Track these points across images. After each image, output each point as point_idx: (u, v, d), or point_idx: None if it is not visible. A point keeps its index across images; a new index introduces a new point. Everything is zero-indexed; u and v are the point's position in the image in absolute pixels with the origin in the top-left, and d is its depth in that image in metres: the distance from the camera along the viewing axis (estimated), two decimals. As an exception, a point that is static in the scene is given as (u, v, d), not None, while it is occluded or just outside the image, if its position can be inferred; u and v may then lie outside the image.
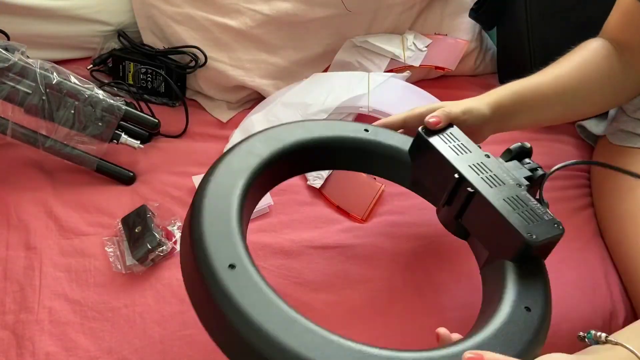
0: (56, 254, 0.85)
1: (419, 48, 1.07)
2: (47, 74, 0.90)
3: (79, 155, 0.93)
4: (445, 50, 1.08)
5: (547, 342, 0.78)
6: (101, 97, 0.92)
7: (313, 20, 1.07)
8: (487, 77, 1.12)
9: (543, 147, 0.97)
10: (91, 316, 0.80)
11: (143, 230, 0.84)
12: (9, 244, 0.86)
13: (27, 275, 0.83)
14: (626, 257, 0.81)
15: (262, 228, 0.87)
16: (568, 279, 0.82)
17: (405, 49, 1.07)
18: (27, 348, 0.77)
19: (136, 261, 0.82)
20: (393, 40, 1.09)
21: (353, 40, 1.09)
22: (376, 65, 1.06)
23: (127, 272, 0.82)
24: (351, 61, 1.07)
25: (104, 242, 0.85)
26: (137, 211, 0.87)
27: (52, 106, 0.90)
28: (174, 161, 0.95)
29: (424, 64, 1.05)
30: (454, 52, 1.07)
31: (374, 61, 1.06)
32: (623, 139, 0.89)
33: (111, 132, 0.93)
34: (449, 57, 1.06)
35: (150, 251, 0.82)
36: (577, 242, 0.86)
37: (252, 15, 1.05)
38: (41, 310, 0.80)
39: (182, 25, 1.05)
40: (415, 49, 1.07)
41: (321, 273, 0.83)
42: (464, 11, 1.13)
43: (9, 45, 0.92)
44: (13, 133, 0.92)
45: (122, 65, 1.06)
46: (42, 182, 0.93)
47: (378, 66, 1.05)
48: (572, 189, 0.92)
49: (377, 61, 1.06)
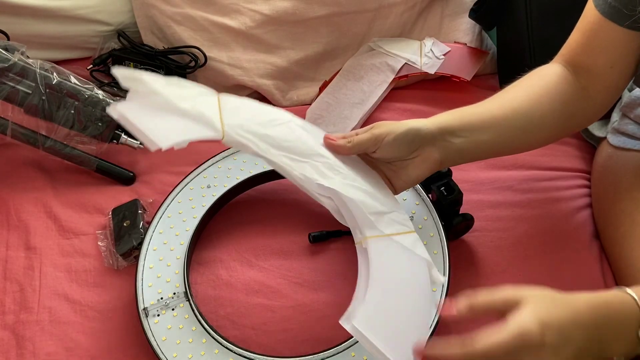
0: (56, 254, 0.85)
1: (436, 55, 1.07)
2: (47, 74, 0.90)
3: (78, 156, 0.93)
4: (463, 60, 1.07)
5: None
6: (101, 97, 0.92)
7: (312, 19, 1.07)
8: (487, 77, 1.12)
9: (545, 148, 0.96)
10: (91, 316, 0.80)
11: (131, 225, 0.84)
12: (8, 244, 0.86)
13: (27, 275, 0.83)
14: (622, 258, 0.81)
15: (262, 228, 0.87)
16: (566, 279, 0.82)
17: (422, 55, 1.07)
18: (27, 348, 0.77)
19: (120, 255, 0.82)
20: (411, 45, 1.09)
21: (370, 44, 1.10)
22: (390, 67, 1.05)
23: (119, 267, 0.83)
24: (366, 63, 1.07)
25: (97, 236, 0.86)
26: (129, 205, 0.88)
27: (52, 106, 0.90)
28: (173, 161, 0.95)
29: (440, 71, 1.05)
30: (472, 61, 1.07)
31: (388, 62, 1.06)
32: (624, 142, 0.89)
33: (111, 132, 0.93)
34: (466, 66, 1.06)
35: (134, 248, 0.82)
36: (576, 242, 0.86)
37: (251, 15, 1.05)
38: (41, 310, 0.80)
39: (181, 25, 1.05)
40: (433, 56, 1.07)
41: (321, 273, 0.83)
42: (464, 11, 1.13)
43: (9, 45, 0.92)
44: (13, 133, 0.92)
45: (122, 65, 1.06)
46: (42, 182, 0.94)
47: (392, 68, 1.05)
48: (571, 190, 0.92)
49: (391, 62, 1.05)
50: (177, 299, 0.78)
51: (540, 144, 0.83)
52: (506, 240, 0.86)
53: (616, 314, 0.59)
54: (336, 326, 0.77)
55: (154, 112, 0.64)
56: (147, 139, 0.60)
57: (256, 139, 0.68)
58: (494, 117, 0.75)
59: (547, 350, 0.55)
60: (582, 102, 0.79)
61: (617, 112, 0.94)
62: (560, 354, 0.56)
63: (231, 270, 0.83)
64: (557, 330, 0.56)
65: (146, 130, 0.61)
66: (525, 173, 0.94)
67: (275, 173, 0.89)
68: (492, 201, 0.90)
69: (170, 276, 0.79)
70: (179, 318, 0.76)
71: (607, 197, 0.87)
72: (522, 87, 0.79)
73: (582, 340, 0.57)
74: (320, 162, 0.70)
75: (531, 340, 0.54)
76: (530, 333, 0.54)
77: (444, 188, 0.82)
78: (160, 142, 0.60)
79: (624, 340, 0.59)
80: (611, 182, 0.87)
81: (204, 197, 0.86)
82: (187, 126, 0.64)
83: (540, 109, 0.76)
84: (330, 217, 0.88)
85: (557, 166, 0.95)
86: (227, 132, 0.66)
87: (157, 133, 0.61)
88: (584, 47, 0.77)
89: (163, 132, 0.62)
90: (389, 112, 1.01)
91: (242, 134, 0.67)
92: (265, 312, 0.79)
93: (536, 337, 0.54)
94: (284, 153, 0.69)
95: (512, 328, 0.55)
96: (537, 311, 0.56)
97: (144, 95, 0.65)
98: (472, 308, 0.58)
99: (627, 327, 0.59)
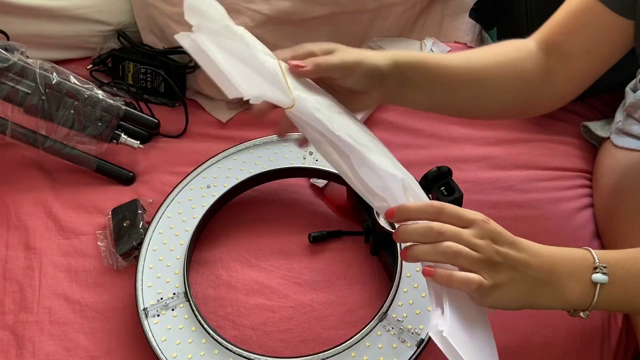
0: (56, 254, 0.85)
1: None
2: (46, 74, 0.90)
3: (78, 156, 0.93)
4: None
5: (546, 341, 0.78)
6: (101, 97, 0.92)
7: (312, 19, 1.07)
8: (487, 77, 1.12)
9: (545, 148, 0.97)
10: (91, 316, 0.80)
11: (131, 225, 0.84)
12: (8, 244, 0.86)
13: (26, 276, 0.83)
14: None
15: (262, 228, 0.87)
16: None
17: None
18: (27, 348, 0.77)
19: (120, 255, 0.82)
20: (411, 45, 1.09)
21: (370, 44, 1.09)
22: None
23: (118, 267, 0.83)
24: None
25: (97, 236, 0.86)
26: (129, 205, 0.87)
27: (51, 106, 0.90)
28: (173, 161, 0.95)
29: None
30: None
31: None
32: (629, 142, 0.88)
33: (111, 132, 0.93)
34: None
35: (134, 248, 0.82)
36: (577, 242, 0.86)
37: (251, 15, 1.05)
38: (41, 311, 0.80)
39: (181, 25, 1.05)
40: None
41: (321, 273, 0.83)
42: (464, 11, 1.13)
43: (9, 45, 0.92)
44: (13, 133, 0.92)
45: (121, 65, 1.06)
46: (41, 182, 0.93)
47: None
48: (572, 190, 0.92)
49: None
50: (177, 299, 0.77)
51: (491, 114, 0.82)
52: (507, 240, 0.86)
53: (571, 257, 0.62)
54: (336, 326, 0.78)
55: (231, 55, 0.57)
56: (229, 84, 0.54)
57: (328, 113, 0.62)
58: (452, 75, 0.74)
59: (489, 230, 0.59)
60: (545, 86, 0.77)
61: (620, 112, 0.94)
62: (502, 245, 0.59)
63: (231, 270, 0.83)
64: (509, 234, 0.60)
65: (229, 73, 0.54)
66: (525, 173, 0.94)
67: (275, 173, 0.89)
68: (492, 201, 0.90)
69: (170, 276, 0.79)
70: (178, 318, 0.76)
71: (610, 197, 0.86)
72: (491, 51, 0.78)
73: (532, 257, 0.60)
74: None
75: (479, 216, 0.60)
76: (481, 214, 0.60)
77: (444, 188, 0.82)
78: (244, 90, 0.53)
79: (577, 280, 0.60)
80: (614, 182, 0.87)
81: (204, 197, 0.86)
82: (263, 82, 0.58)
83: (499, 78, 0.75)
84: (330, 217, 0.89)
85: (557, 166, 0.95)
86: (297, 101, 0.60)
87: (240, 80, 0.54)
88: (565, 27, 0.76)
89: (246, 79, 0.55)
90: (389, 112, 1.01)
91: (313, 105, 0.61)
92: (265, 312, 0.79)
93: (483, 217, 0.60)
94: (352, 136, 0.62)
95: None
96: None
97: (215, 32, 0.57)
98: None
99: (581, 269, 0.61)
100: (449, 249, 0.57)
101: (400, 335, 0.73)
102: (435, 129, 0.99)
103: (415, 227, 0.59)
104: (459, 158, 0.95)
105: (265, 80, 0.59)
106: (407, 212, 0.60)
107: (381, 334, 0.73)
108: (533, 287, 0.59)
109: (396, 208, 0.60)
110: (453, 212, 0.59)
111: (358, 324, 0.76)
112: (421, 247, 0.58)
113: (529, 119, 1.02)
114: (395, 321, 0.74)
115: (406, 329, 0.73)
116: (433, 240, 0.58)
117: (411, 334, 0.73)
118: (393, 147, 0.95)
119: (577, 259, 0.62)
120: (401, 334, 0.73)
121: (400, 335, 0.73)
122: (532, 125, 1.01)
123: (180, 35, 0.57)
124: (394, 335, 0.73)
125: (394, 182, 0.61)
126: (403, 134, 0.99)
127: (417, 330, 0.73)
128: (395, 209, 0.60)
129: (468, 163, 0.94)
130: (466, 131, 1.00)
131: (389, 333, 0.73)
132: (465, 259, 0.57)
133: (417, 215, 0.60)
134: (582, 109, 1.04)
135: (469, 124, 1.01)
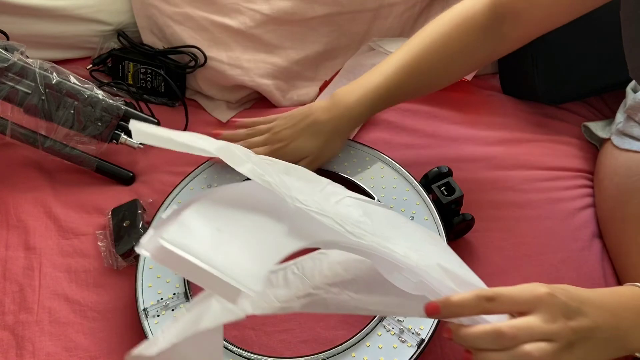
0: (56, 254, 0.85)
1: None
2: (46, 74, 0.90)
3: (78, 156, 0.93)
4: None
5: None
6: (101, 97, 0.92)
7: (312, 18, 1.07)
8: (488, 77, 1.11)
9: (546, 148, 0.97)
10: (91, 316, 0.80)
11: (131, 225, 0.84)
12: (8, 244, 0.86)
13: (26, 276, 0.83)
14: (626, 258, 0.81)
15: (262, 228, 0.87)
16: (567, 279, 0.82)
17: None
18: (27, 348, 0.77)
19: (120, 255, 0.82)
20: None
21: (370, 44, 1.09)
22: None
23: (118, 267, 0.83)
24: (366, 63, 1.07)
25: (97, 237, 0.86)
26: (129, 205, 0.87)
27: (51, 106, 0.90)
28: (173, 161, 0.95)
29: None
30: None
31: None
32: (630, 144, 0.88)
33: (111, 132, 0.93)
34: None
35: (134, 248, 0.82)
36: (577, 242, 0.86)
37: (251, 15, 1.05)
38: (41, 311, 0.80)
39: (181, 25, 1.05)
40: None
41: (321, 273, 0.82)
42: (464, 11, 1.13)
43: (9, 45, 0.92)
44: (12, 133, 0.92)
45: (121, 65, 1.06)
46: (41, 182, 0.93)
47: None
48: (572, 190, 0.92)
49: None
50: (177, 299, 0.77)
51: (461, 77, 0.94)
52: (507, 241, 0.86)
53: (633, 302, 0.58)
54: (336, 326, 0.77)
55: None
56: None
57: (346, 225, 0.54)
58: (404, 85, 0.84)
59: (558, 307, 0.52)
60: (493, 47, 0.84)
61: (621, 113, 0.94)
62: (573, 318, 0.52)
63: (231, 270, 0.83)
64: (568, 292, 0.54)
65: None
66: (526, 173, 0.94)
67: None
68: (493, 201, 0.90)
69: (170, 277, 0.79)
70: (178, 318, 0.76)
71: (613, 199, 0.86)
72: (436, 31, 0.83)
73: (598, 317, 0.54)
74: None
75: (540, 293, 0.52)
76: (538, 288, 0.53)
77: (444, 188, 0.82)
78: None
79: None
80: (616, 184, 0.87)
81: (204, 197, 0.86)
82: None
83: (451, 55, 0.82)
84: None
85: (558, 166, 0.95)
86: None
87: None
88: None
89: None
90: (389, 112, 1.00)
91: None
92: (265, 313, 0.79)
93: (544, 290, 0.52)
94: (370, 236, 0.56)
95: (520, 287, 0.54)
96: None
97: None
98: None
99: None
100: (528, 356, 0.50)
101: (400, 335, 0.73)
102: (435, 129, 0.99)
103: (480, 332, 0.51)
104: (459, 158, 0.95)
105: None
106: (455, 308, 0.52)
107: (381, 334, 0.73)
108: (602, 350, 0.56)
109: (440, 304, 0.52)
110: (508, 299, 0.52)
111: (358, 324, 0.76)
112: (493, 355, 0.51)
113: (529, 119, 1.02)
114: (396, 321, 0.74)
115: (406, 329, 0.73)
116: (506, 347, 0.51)
117: (411, 334, 0.73)
118: (393, 147, 0.96)
119: (637, 306, 0.59)
120: (401, 334, 0.73)
121: (401, 335, 0.73)
122: (532, 125, 1.01)
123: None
124: (394, 335, 0.73)
125: (431, 271, 0.53)
126: (403, 134, 0.99)
127: (418, 330, 0.73)
128: (439, 304, 0.52)
129: (468, 163, 0.94)
130: (466, 131, 1.00)
131: (389, 333, 0.73)
132: (546, 357, 0.51)
133: (468, 311, 0.52)
134: (583, 109, 1.04)
135: (469, 123, 1.01)
